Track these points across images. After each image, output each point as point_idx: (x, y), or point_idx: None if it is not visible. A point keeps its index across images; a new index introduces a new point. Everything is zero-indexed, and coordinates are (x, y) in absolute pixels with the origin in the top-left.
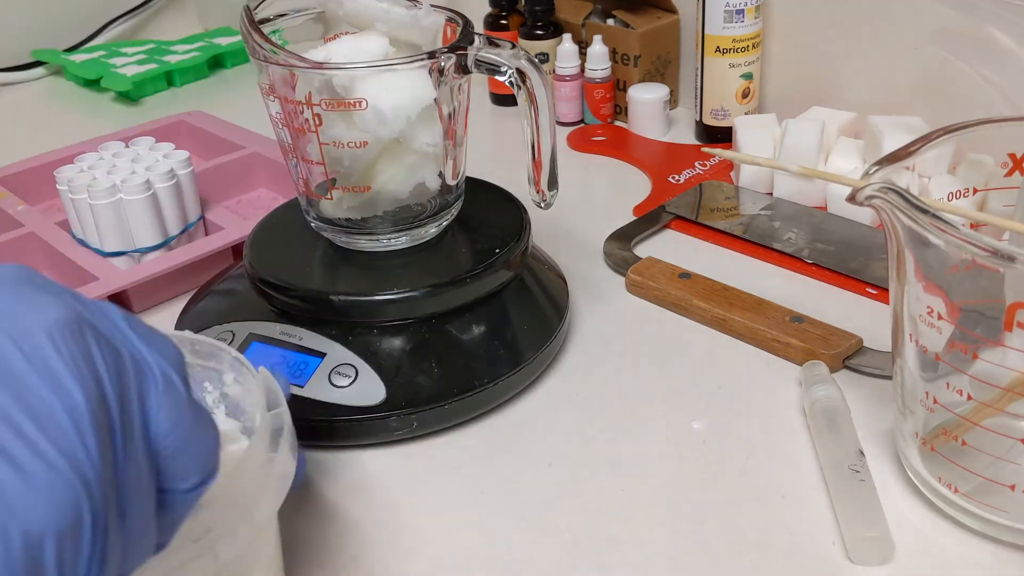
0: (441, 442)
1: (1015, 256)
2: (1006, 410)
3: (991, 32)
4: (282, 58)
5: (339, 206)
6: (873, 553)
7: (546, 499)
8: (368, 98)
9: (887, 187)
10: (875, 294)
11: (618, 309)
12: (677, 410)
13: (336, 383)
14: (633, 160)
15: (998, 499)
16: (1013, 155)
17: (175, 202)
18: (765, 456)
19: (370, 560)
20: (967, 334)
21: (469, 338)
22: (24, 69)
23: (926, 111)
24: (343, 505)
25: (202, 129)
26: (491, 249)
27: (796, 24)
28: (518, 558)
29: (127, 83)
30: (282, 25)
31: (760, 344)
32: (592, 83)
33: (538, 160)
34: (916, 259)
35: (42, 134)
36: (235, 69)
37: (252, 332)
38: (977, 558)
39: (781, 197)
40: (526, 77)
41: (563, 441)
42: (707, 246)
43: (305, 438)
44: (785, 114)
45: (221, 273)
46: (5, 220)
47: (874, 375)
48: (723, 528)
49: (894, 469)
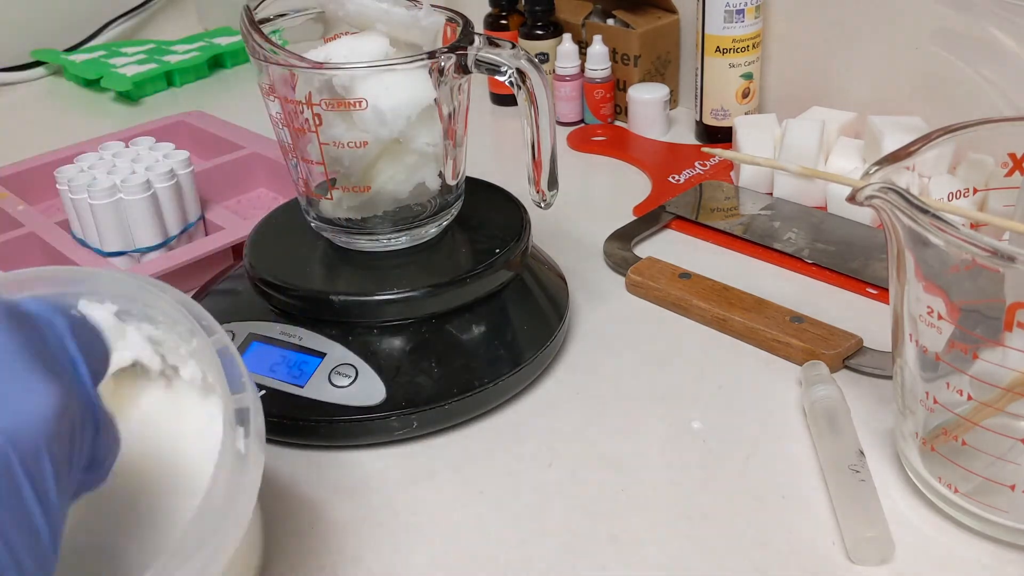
0: (441, 442)
1: (1015, 256)
2: (1006, 410)
3: (991, 32)
4: (282, 58)
5: (339, 206)
6: (873, 553)
7: (546, 499)
8: (368, 98)
9: (887, 187)
10: (875, 294)
11: (618, 309)
12: (677, 410)
13: (336, 383)
14: (633, 160)
15: (998, 499)
16: (1013, 155)
17: (175, 202)
18: (765, 456)
19: (370, 560)
20: (967, 334)
21: (469, 338)
22: (24, 69)
23: (926, 111)
24: (343, 505)
25: (202, 129)
26: (491, 249)
27: (796, 24)
28: (518, 558)
29: (127, 83)
30: (282, 25)
31: (760, 344)
32: (592, 83)
33: (538, 160)
34: (916, 259)
35: (42, 134)
36: (235, 69)
37: (252, 332)
38: (977, 558)
39: (781, 197)
40: (526, 77)
41: (563, 441)
42: (707, 246)
43: (305, 438)
44: (785, 114)
45: (221, 273)
46: (5, 220)
47: (874, 375)
48: (723, 528)
49: (894, 469)
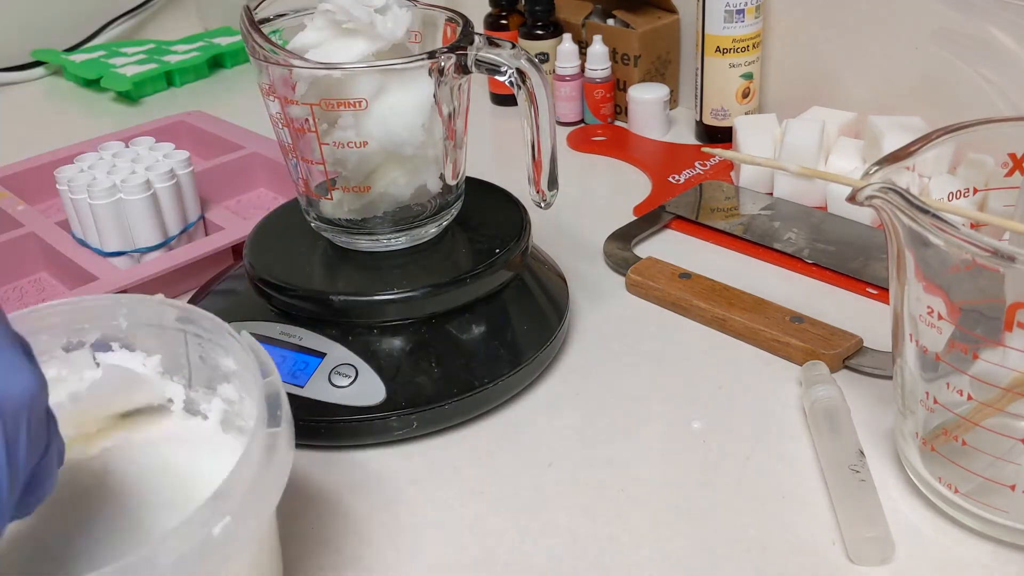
0: (441, 442)
1: (1015, 256)
2: (1006, 410)
3: (991, 32)
4: (282, 58)
5: (339, 207)
6: (873, 553)
7: (546, 499)
8: (368, 98)
9: (887, 187)
10: (875, 294)
11: (618, 309)
12: (677, 410)
13: (336, 383)
14: (633, 160)
15: (998, 499)
16: (1013, 155)
17: (175, 202)
18: (765, 456)
19: (370, 560)
20: (967, 334)
21: (469, 338)
22: (24, 69)
23: (926, 111)
24: (343, 505)
25: (202, 129)
26: (491, 249)
27: (796, 24)
28: (518, 558)
29: (127, 83)
30: (282, 25)
31: (760, 344)
32: (592, 83)
33: (538, 160)
34: (916, 259)
35: (42, 134)
36: (235, 69)
37: (252, 332)
38: (977, 558)
39: (781, 197)
40: (526, 77)
41: (563, 441)
42: (707, 246)
43: (305, 438)
44: (785, 114)
45: (221, 273)
46: (5, 220)
47: (874, 375)
48: (723, 528)
49: (894, 469)
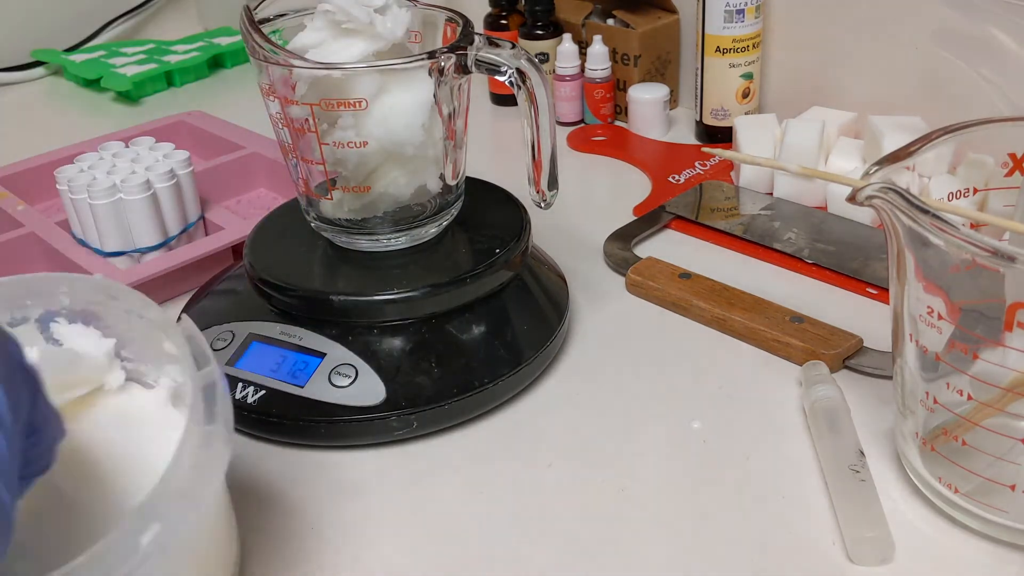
0: (441, 442)
1: (1015, 256)
2: (1006, 410)
3: (991, 32)
4: (282, 58)
5: (339, 207)
6: (873, 553)
7: (546, 499)
8: (368, 98)
9: (887, 187)
10: (875, 294)
11: (618, 309)
12: (677, 410)
13: (336, 383)
14: (633, 160)
15: (998, 499)
16: (1013, 155)
17: (175, 202)
18: (765, 456)
19: (371, 560)
20: (967, 334)
21: (469, 338)
22: (24, 69)
23: (926, 111)
24: (343, 505)
25: (202, 129)
26: (491, 249)
27: (796, 24)
28: (518, 558)
29: (127, 83)
30: (282, 25)
31: (760, 344)
32: (592, 83)
33: (538, 160)
34: (916, 259)
35: (42, 134)
36: (235, 69)
37: (252, 332)
38: (977, 558)
39: (781, 197)
40: (526, 77)
41: (563, 441)
42: (707, 246)
43: (305, 438)
44: (785, 114)
45: (221, 273)
46: (5, 220)
47: (874, 375)
48: (723, 528)
49: (894, 469)
